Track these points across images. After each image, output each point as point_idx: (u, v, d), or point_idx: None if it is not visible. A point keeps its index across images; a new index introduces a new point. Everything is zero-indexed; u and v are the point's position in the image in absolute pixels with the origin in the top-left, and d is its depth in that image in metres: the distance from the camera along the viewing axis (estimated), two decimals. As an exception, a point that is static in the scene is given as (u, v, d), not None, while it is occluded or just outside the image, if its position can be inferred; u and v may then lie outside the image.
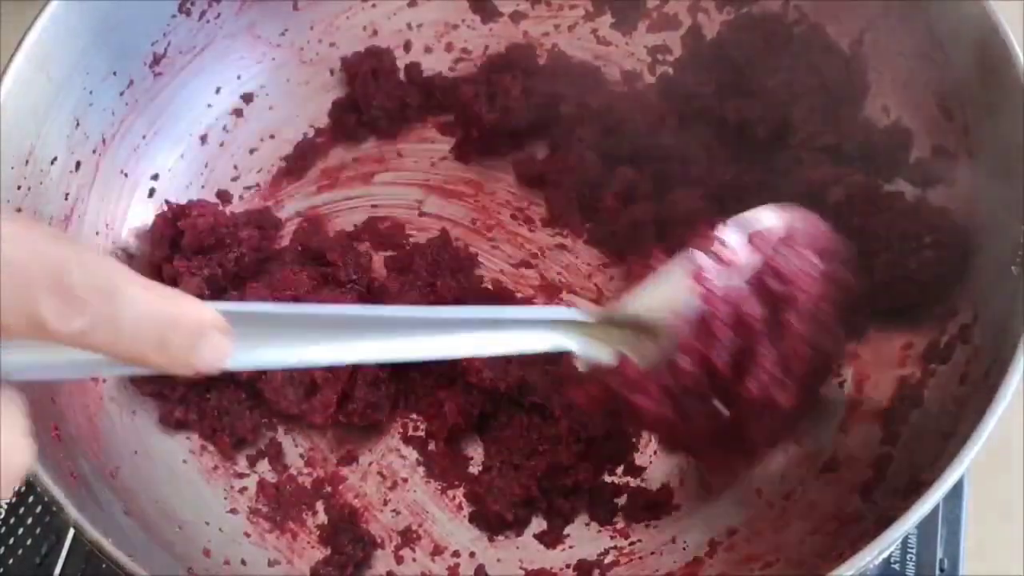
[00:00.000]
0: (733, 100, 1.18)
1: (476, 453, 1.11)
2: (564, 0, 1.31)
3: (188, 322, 0.59)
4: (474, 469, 1.10)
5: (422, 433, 1.12)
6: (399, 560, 1.05)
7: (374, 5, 1.34)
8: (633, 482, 1.08)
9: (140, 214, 1.18)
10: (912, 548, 1.09)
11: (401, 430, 1.12)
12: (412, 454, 1.11)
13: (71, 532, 1.11)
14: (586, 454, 1.08)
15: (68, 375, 0.68)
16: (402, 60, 1.31)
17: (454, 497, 1.09)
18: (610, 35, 1.30)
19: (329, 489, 1.09)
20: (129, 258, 1.16)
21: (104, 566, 0.87)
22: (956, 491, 1.11)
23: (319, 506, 1.09)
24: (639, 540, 1.06)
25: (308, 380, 1.08)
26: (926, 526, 1.09)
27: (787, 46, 1.18)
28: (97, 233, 1.14)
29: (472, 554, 1.06)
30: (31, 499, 1.14)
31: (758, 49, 1.19)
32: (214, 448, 1.10)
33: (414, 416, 1.13)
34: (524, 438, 1.09)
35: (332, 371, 1.07)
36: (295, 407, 1.08)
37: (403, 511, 1.09)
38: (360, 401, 1.08)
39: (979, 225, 1.07)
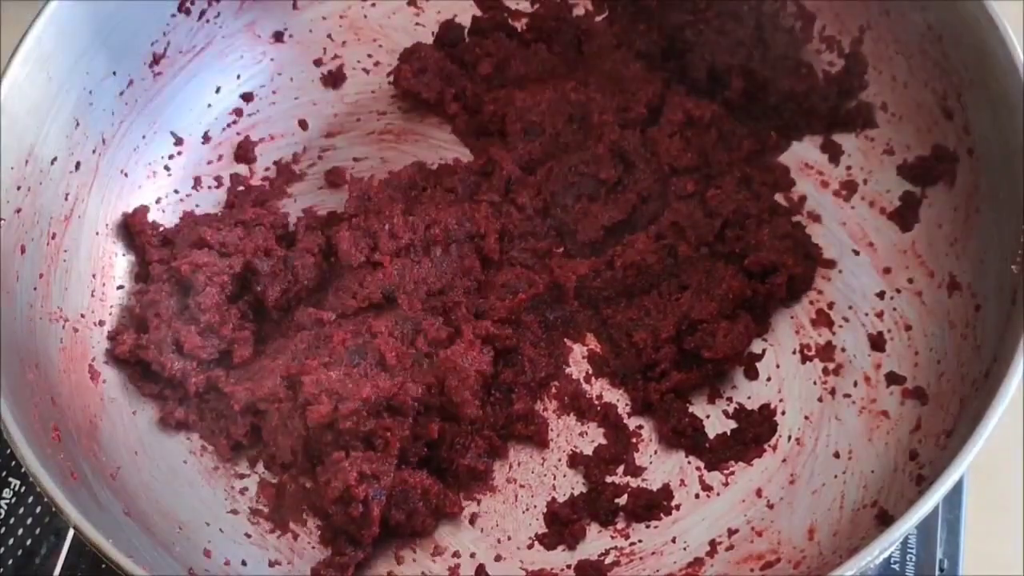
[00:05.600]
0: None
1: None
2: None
3: None
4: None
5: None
6: (399, 560, 1.05)
7: (374, 5, 1.34)
8: (634, 482, 1.08)
9: (139, 214, 1.18)
10: (912, 548, 1.09)
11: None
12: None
13: (71, 532, 1.11)
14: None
15: None
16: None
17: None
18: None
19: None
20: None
21: (104, 566, 0.87)
22: (956, 492, 1.11)
23: (320, 506, 1.09)
24: (640, 540, 1.06)
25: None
26: (926, 526, 1.09)
27: None
28: (97, 233, 1.14)
29: (472, 554, 1.06)
30: (31, 499, 1.14)
31: None
32: (214, 449, 1.10)
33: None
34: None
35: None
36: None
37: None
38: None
39: (979, 224, 1.08)
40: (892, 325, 1.12)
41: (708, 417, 1.11)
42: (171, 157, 1.23)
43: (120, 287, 1.16)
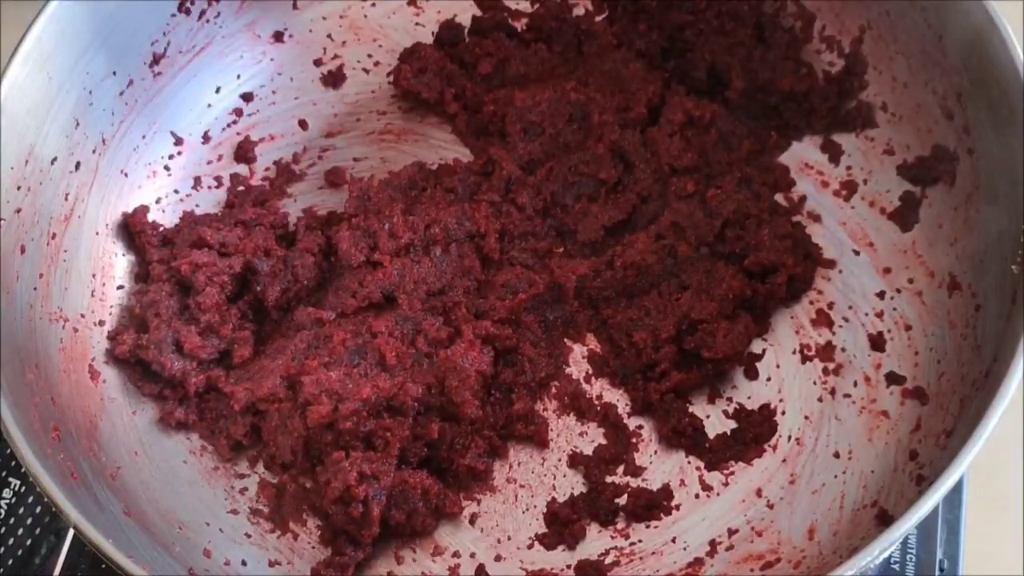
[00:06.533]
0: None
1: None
2: None
3: None
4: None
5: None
6: (399, 560, 1.05)
7: (374, 5, 1.34)
8: (633, 482, 1.08)
9: (139, 214, 1.18)
10: (912, 548, 1.09)
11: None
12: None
13: (71, 532, 1.10)
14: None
15: None
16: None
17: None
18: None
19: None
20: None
21: (104, 566, 0.87)
22: (956, 492, 1.11)
23: (320, 506, 1.09)
24: (639, 540, 1.06)
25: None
26: (926, 526, 1.09)
27: None
28: (97, 233, 1.14)
29: (472, 554, 1.06)
30: (31, 499, 1.14)
31: None
32: (214, 449, 1.10)
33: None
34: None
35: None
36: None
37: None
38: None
39: (979, 224, 1.08)
40: (892, 325, 1.12)
41: (708, 417, 1.11)
42: (171, 157, 1.23)
43: (120, 287, 1.16)
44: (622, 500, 1.07)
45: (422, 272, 1.14)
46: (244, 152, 1.26)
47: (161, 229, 1.18)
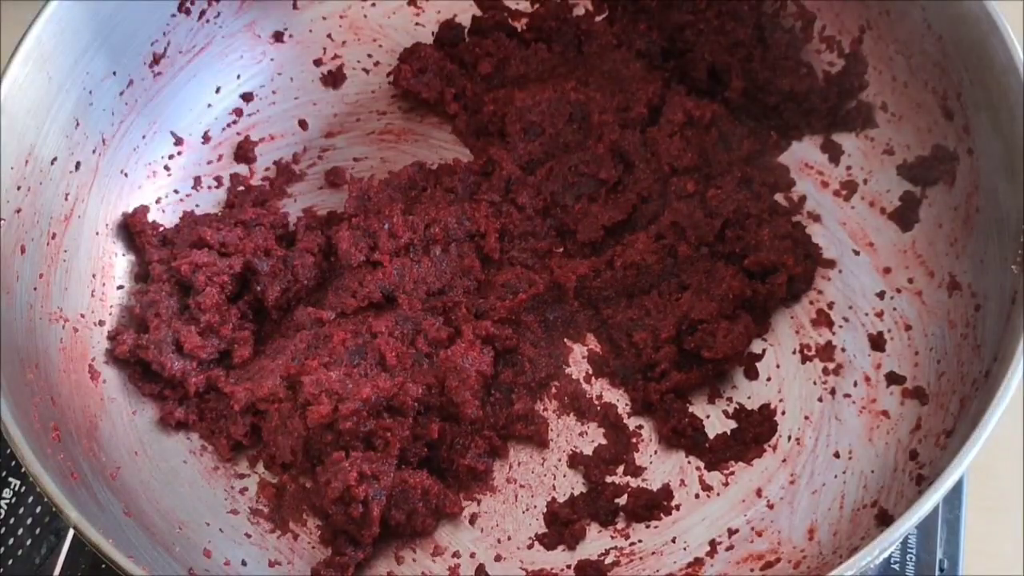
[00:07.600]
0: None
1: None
2: None
3: None
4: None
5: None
6: (399, 560, 1.05)
7: (374, 5, 1.34)
8: (633, 482, 1.08)
9: (139, 214, 1.18)
10: (912, 548, 1.09)
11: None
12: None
13: (71, 532, 1.10)
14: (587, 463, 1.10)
15: None
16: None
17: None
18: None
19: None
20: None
21: (104, 566, 0.87)
22: (956, 492, 1.11)
23: (320, 506, 1.09)
24: (640, 540, 1.06)
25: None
26: (926, 526, 1.09)
27: None
28: (97, 233, 1.14)
29: (472, 554, 1.06)
30: (31, 499, 1.14)
31: None
32: (214, 449, 1.10)
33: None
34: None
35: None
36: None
37: (403, 511, 1.09)
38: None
39: (979, 224, 1.08)
40: (892, 325, 1.12)
41: (708, 417, 1.11)
42: (171, 157, 1.23)
43: (120, 287, 1.16)
44: (622, 500, 1.07)
45: (422, 272, 1.15)
46: (244, 152, 1.26)
47: (161, 229, 1.18)
